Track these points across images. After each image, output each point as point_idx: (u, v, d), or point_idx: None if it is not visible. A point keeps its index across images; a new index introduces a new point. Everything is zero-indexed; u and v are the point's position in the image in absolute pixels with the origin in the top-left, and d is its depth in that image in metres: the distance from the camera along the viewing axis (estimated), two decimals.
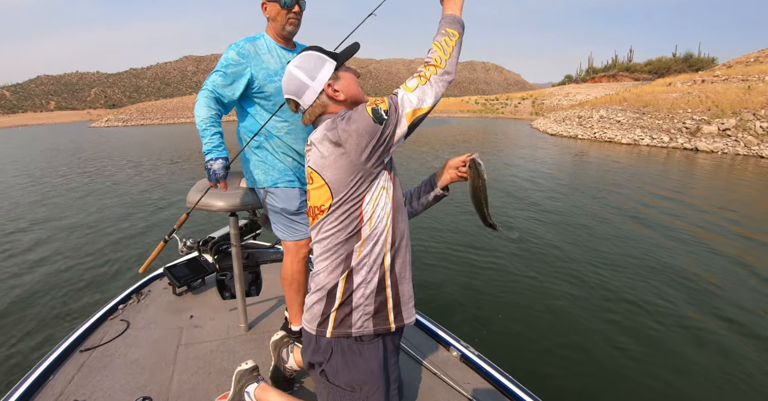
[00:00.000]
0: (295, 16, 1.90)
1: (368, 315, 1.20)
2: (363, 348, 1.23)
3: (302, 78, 1.21)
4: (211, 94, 1.85)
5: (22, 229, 6.89)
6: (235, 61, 1.87)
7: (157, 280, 2.95)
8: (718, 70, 30.48)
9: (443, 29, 1.19)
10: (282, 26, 1.91)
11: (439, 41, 1.17)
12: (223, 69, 1.86)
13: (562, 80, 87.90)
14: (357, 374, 1.23)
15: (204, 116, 1.81)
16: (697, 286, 4.43)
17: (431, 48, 1.17)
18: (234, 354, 2.09)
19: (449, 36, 1.17)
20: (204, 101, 1.83)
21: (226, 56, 1.88)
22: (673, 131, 18.95)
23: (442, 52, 1.16)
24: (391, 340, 1.31)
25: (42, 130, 57.90)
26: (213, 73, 1.88)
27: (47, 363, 1.92)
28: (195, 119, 1.84)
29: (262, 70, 1.91)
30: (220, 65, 1.87)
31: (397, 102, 1.11)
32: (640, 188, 9.46)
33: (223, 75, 1.85)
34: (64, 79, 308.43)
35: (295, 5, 1.88)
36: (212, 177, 1.78)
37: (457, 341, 2.13)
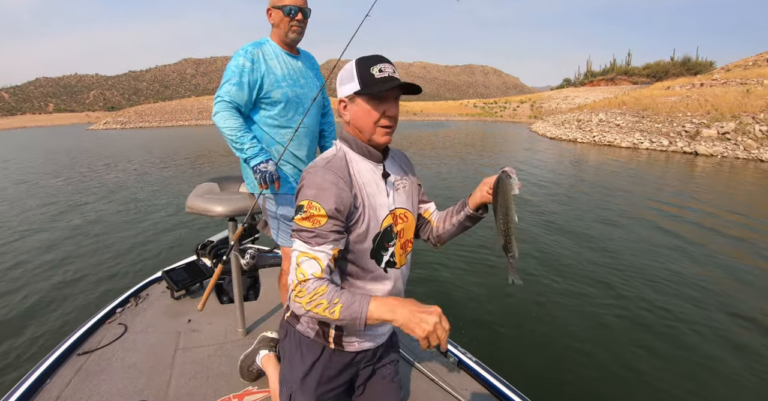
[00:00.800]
0: (298, 24, 1.90)
1: (313, 321, 1.25)
2: (303, 346, 1.28)
3: (337, 83, 1.17)
4: (230, 105, 1.85)
5: (20, 231, 6.80)
6: (248, 68, 1.85)
7: (155, 284, 2.93)
8: (716, 74, 30.55)
9: (338, 299, 1.01)
10: (285, 33, 1.92)
11: (322, 296, 1.01)
12: (237, 78, 1.84)
13: (560, 84, 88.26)
14: (287, 367, 1.31)
15: (234, 125, 1.82)
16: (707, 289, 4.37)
17: (321, 284, 1.03)
18: (232, 359, 2.08)
19: (329, 309, 1.00)
20: (227, 112, 1.84)
21: (237, 64, 1.85)
22: (673, 134, 18.92)
23: (309, 299, 1.02)
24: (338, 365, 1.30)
25: (40, 132, 57.78)
26: (226, 84, 1.85)
27: (44, 367, 1.91)
28: (222, 130, 1.83)
29: (269, 76, 1.90)
30: (232, 74, 1.85)
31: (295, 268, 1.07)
32: (644, 192, 9.41)
33: (238, 84, 1.84)
34: (63, 81, 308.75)
35: (299, 13, 1.88)
36: (268, 178, 1.79)
37: (455, 346, 2.11)
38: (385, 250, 1.20)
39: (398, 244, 1.24)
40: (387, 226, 1.19)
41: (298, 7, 1.87)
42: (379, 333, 1.32)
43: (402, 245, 1.27)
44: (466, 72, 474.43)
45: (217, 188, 2.38)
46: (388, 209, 1.20)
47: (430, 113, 75.33)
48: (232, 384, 1.90)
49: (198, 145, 24.61)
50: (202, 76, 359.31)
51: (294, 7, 1.86)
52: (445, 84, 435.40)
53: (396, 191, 1.25)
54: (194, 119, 68.02)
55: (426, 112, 77.29)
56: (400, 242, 1.25)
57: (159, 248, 5.96)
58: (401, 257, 1.27)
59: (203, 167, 14.88)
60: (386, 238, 1.19)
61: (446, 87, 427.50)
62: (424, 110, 79.09)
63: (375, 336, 1.32)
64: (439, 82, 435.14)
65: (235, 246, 2.12)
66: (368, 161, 1.19)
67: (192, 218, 7.03)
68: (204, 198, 2.15)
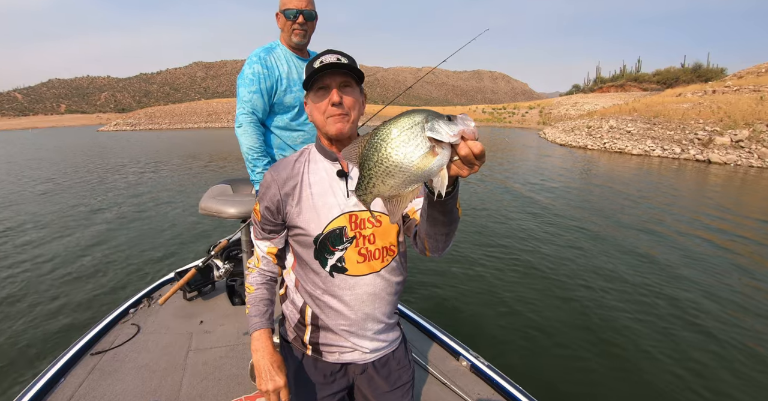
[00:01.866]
0: (300, 27, 1.90)
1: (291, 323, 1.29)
2: (287, 351, 1.31)
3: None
4: (253, 116, 1.89)
5: (34, 232, 6.80)
6: (264, 75, 1.87)
7: (168, 285, 2.95)
8: (729, 81, 30.17)
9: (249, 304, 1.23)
10: (289, 37, 1.93)
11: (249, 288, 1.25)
12: (257, 85, 1.86)
13: (569, 90, 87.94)
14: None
15: (254, 144, 1.89)
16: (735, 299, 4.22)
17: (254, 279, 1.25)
18: (243, 361, 2.08)
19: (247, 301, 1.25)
20: (251, 128, 1.88)
21: (254, 71, 1.87)
22: (685, 142, 18.67)
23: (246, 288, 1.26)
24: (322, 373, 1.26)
25: (51, 133, 58.41)
26: (247, 93, 1.87)
27: (58, 366, 1.93)
28: (243, 146, 1.89)
29: (282, 82, 1.91)
30: (251, 82, 1.86)
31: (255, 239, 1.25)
32: (664, 201, 9.24)
33: (258, 92, 1.87)
34: (75, 83, 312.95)
35: (299, 16, 1.87)
36: None
37: (467, 350, 2.10)
38: (330, 253, 1.13)
39: (354, 250, 1.14)
40: (335, 228, 1.11)
41: (299, 10, 1.86)
42: (360, 348, 1.22)
43: (366, 252, 1.15)
44: (474, 77, 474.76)
45: (230, 189, 2.41)
46: (341, 210, 1.12)
47: None
48: (244, 386, 1.90)
49: (209, 147, 24.69)
50: (212, 79, 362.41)
51: (295, 10, 1.86)
52: (454, 89, 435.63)
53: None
54: (203, 122, 68.56)
55: None
56: (358, 248, 1.14)
57: (171, 249, 5.97)
58: (359, 265, 1.15)
59: (213, 169, 14.91)
60: (332, 241, 1.12)
61: (455, 92, 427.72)
62: None
63: (357, 343, 1.21)
64: (447, 87, 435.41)
65: (246, 248, 2.14)
66: (326, 160, 1.17)
67: (205, 219, 7.06)
68: (217, 200, 2.17)
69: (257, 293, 1.22)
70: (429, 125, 0.72)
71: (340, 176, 1.14)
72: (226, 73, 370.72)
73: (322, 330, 1.21)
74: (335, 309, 1.18)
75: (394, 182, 0.76)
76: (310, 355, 1.25)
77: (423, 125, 0.73)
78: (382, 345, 1.26)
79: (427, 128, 0.72)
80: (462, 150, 0.72)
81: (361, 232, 1.14)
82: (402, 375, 1.32)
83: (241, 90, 1.90)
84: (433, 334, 2.27)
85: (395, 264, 1.21)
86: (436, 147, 0.73)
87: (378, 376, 1.28)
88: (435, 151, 0.73)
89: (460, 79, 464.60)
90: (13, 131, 69.75)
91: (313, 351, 1.24)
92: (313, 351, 1.24)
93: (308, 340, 1.23)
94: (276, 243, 1.21)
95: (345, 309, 1.17)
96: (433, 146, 0.73)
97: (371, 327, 1.22)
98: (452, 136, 0.71)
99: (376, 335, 1.24)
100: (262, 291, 1.23)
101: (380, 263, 1.18)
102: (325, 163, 1.16)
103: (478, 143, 0.72)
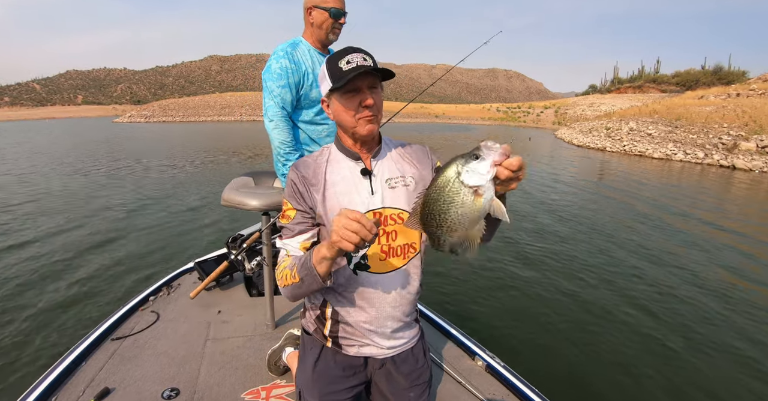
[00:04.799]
0: (340, 26, 1.96)
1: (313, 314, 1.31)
2: (307, 344, 1.33)
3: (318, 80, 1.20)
4: (283, 111, 1.92)
5: (60, 222, 6.71)
6: (292, 69, 1.90)
7: (187, 274, 2.99)
8: (753, 84, 29.36)
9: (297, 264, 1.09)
10: (326, 35, 1.96)
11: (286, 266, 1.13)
12: (285, 80, 1.89)
13: (586, 90, 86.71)
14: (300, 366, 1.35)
15: (286, 139, 1.93)
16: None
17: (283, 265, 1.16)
18: (260, 351, 2.09)
19: (290, 275, 1.10)
20: (282, 122, 1.92)
21: (282, 66, 1.89)
22: (708, 146, 18.13)
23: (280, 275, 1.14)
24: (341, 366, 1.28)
25: (68, 123, 59.15)
26: (278, 88, 1.90)
27: (80, 350, 1.98)
28: (274, 140, 1.94)
29: (308, 77, 1.93)
30: (279, 77, 1.89)
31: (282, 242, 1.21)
32: (695, 207, 8.88)
33: (287, 86, 1.89)
34: (93, 74, 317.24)
35: (342, 17, 1.94)
36: None
37: (483, 350, 2.09)
38: (356, 251, 1.02)
39: (377, 247, 1.18)
40: None
41: (343, 10, 1.93)
42: (381, 342, 1.26)
43: (387, 249, 1.20)
44: (489, 76, 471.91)
45: (252, 182, 2.45)
46: (367, 208, 1.15)
47: (452, 116, 74.83)
48: (260, 377, 1.91)
49: (227, 141, 24.67)
50: (227, 73, 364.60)
51: (340, 10, 1.91)
52: (468, 87, 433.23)
53: (391, 189, 1.18)
54: (216, 115, 68.90)
55: (448, 114, 76.80)
56: (381, 245, 1.19)
57: (192, 239, 6.08)
58: (381, 263, 1.20)
59: (230, 161, 14.82)
60: None
61: (468, 90, 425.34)
62: (446, 113, 78.62)
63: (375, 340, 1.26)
64: (461, 85, 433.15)
65: (267, 240, 2.19)
66: (349, 160, 1.19)
67: (225, 210, 7.16)
68: (239, 192, 2.20)
69: (299, 260, 1.10)
70: (463, 176, 0.79)
71: (364, 175, 1.17)
72: (241, 67, 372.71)
73: (342, 324, 1.24)
74: (357, 306, 1.21)
75: (460, 232, 0.85)
76: (330, 347, 1.28)
77: (459, 179, 0.80)
78: (401, 342, 1.30)
79: (465, 180, 0.79)
80: (502, 175, 0.79)
81: (384, 229, 1.17)
82: (422, 373, 1.35)
83: (269, 84, 1.90)
84: (450, 333, 2.27)
85: (416, 262, 1.26)
86: (478, 189, 0.79)
87: (397, 372, 1.30)
88: (479, 192, 0.79)
89: (475, 77, 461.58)
90: (31, 122, 70.72)
91: (333, 344, 1.28)
92: (333, 343, 1.27)
93: (328, 333, 1.26)
94: (309, 237, 1.18)
95: (366, 305, 1.21)
96: (476, 189, 0.79)
97: (391, 324, 1.25)
98: (487, 173, 0.78)
99: (396, 332, 1.27)
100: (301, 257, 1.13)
101: (402, 260, 1.22)
102: (348, 162, 1.19)
103: (513, 159, 0.79)
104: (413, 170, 1.23)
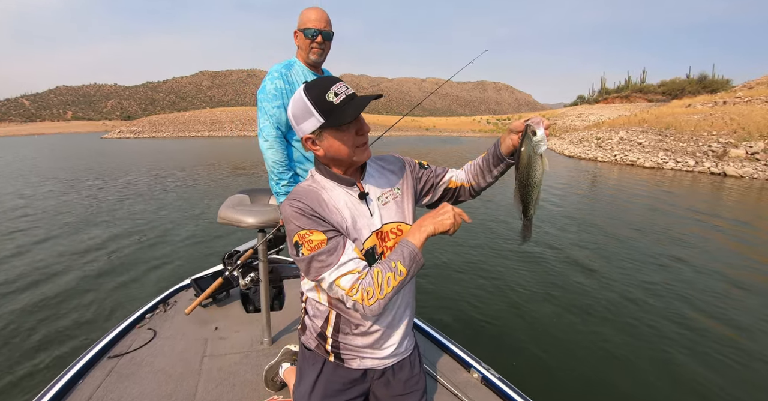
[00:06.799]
0: (318, 46, 1.99)
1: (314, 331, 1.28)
2: (308, 360, 1.31)
3: (290, 119, 1.11)
4: (278, 131, 1.96)
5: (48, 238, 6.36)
6: (286, 89, 1.95)
7: (183, 291, 2.98)
8: (739, 92, 29.66)
9: (393, 261, 1.07)
10: (307, 55, 2.01)
11: (382, 273, 1.05)
12: (280, 100, 1.94)
13: (574, 101, 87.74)
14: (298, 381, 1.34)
15: (280, 159, 1.98)
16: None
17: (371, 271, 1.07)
18: (257, 367, 2.10)
19: (396, 273, 1.06)
20: (277, 143, 1.96)
21: (277, 87, 1.95)
22: (699, 154, 18.12)
23: (377, 287, 1.05)
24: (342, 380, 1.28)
25: (55, 139, 58.54)
26: (273, 108, 1.94)
27: (77, 368, 1.97)
28: (268, 160, 1.99)
29: None
30: (274, 97, 1.94)
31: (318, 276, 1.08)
32: (690, 214, 8.71)
33: (282, 107, 1.94)
34: (83, 90, 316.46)
35: (318, 36, 1.96)
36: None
37: (478, 362, 2.08)
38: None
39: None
40: (369, 248, 1.15)
41: (318, 30, 1.95)
42: (382, 352, 1.27)
43: None
44: (478, 88, 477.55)
45: (248, 199, 2.47)
46: (371, 230, 1.16)
47: (442, 129, 75.18)
48: (258, 393, 1.92)
49: (222, 154, 24.39)
50: (218, 88, 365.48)
51: (315, 30, 1.95)
52: (458, 100, 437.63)
53: (384, 205, 1.21)
54: (207, 131, 68.68)
55: (438, 127, 77.15)
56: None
57: (186, 256, 5.93)
58: None
59: (227, 177, 14.48)
60: (368, 260, 1.12)
61: (458, 103, 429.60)
62: (437, 126, 78.98)
63: (377, 353, 1.27)
64: (451, 97, 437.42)
65: (262, 256, 2.21)
66: (342, 186, 1.16)
67: (221, 227, 7.06)
68: (235, 209, 2.22)
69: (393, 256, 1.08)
70: (537, 149, 1.11)
71: (362, 198, 1.17)
72: (232, 82, 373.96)
73: (345, 339, 1.23)
74: (360, 323, 1.20)
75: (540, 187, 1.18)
76: (332, 361, 1.27)
77: (535, 153, 1.11)
78: (400, 350, 1.31)
79: (538, 151, 1.11)
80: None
81: (387, 245, 1.19)
82: (419, 380, 1.38)
83: (264, 105, 1.95)
84: (444, 345, 2.26)
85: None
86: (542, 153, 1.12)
87: (395, 379, 1.32)
88: (543, 155, 1.12)
89: (464, 89, 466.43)
90: (19, 137, 69.99)
91: (335, 358, 1.27)
92: (336, 358, 1.27)
93: (330, 348, 1.25)
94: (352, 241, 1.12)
95: (369, 321, 1.21)
96: (542, 154, 1.12)
97: (393, 335, 1.27)
98: (545, 140, 1.11)
99: (397, 341, 1.28)
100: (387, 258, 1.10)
101: None
102: (343, 188, 1.16)
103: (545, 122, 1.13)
104: (395, 178, 1.27)
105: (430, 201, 1.37)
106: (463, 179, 1.37)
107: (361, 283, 1.04)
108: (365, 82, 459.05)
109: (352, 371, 1.28)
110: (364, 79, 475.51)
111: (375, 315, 1.11)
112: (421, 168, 1.34)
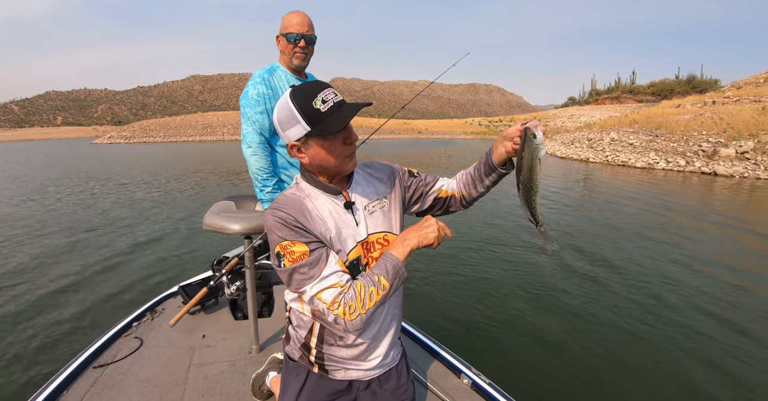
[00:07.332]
0: (301, 50, 1.98)
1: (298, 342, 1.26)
2: (292, 371, 1.30)
3: (276, 124, 1.07)
4: (261, 137, 1.95)
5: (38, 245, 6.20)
6: (269, 95, 1.94)
7: (171, 298, 2.95)
8: (728, 91, 29.96)
9: (376, 275, 1.05)
10: (290, 59, 2.00)
11: (365, 287, 1.03)
12: (262, 106, 1.92)
13: (565, 102, 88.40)
14: (282, 392, 1.32)
15: (263, 166, 1.96)
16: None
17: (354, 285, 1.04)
18: (245, 376, 2.07)
19: (378, 288, 1.04)
20: (260, 149, 1.95)
21: (259, 92, 1.93)
22: (689, 154, 18.23)
23: (360, 301, 1.02)
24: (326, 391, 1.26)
25: (43, 146, 57.93)
26: (255, 114, 1.92)
27: (61, 378, 1.93)
28: (251, 167, 1.97)
29: None
30: (257, 103, 1.92)
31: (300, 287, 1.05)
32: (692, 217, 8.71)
33: (265, 112, 1.92)
34: (73, 95, 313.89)
35: (301, 40, 1.95)
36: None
37: (468, 368, 2.06)
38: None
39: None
40: (354, 259, 1.12)
41: (301, 34, 1.94)
42: (368, 364, 1.25)
43: None
44: (470, 91, 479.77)
45: (234, 206, 2.43)
46: (356, 241, 1.13)
47: (434, 131, 75.30)
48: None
49: (215, 159, 24.22)
50: (209, 92, 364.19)
51: (297, 34, 1.93)
52: (449, 102, 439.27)
53: (371, 214, 1.18)
54: (198, 135, 68.25)
55: (431, 130, 77.28)
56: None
57: (174, 263, 5.81)
58: None
59: (215, 183, 14.33)
60: (352, 272, 1.10)
61: (450, 105, 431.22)
62: (429, 128, 79.12)
63: (362, 365, 1.24)
64: (443, 100, 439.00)
65: (249, 263, 2.17)
66: (327, 195, 1.14)
67: (208, 234, 6.94)
68: (221, 216, 2.17)
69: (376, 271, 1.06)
70: (538, 152, 1.09)
71: (347, 208, 1.15)
72: (224, 86, 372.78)
73: (329, 351, 1.21)
74: (344, 334, 1.18)
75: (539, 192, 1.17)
76: (317, 372, 1.26)
77: (537, 157, 1.09)
78: (386, 361, 1.28)
79: (539, 155, 1.09)
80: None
81: (372, 256, 1.16)
82: (407, 389, 1.36)
83: (247, 111, 1.93)
84: (434, 350, 2.24)
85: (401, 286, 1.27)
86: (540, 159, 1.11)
87: (381, 390, 1.30)
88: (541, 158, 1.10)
89: (456, 92, 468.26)
90: (7, 144, 69.18)
91: (319, 369, 1.25)
92: (320, 369, 1.24)
93: (314, 359, 1.23)
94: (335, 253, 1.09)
95: (353, 334, 1.19)
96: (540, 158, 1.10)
97: (379, 347, 1.24)
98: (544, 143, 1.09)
99: (383, 353, 1.25)
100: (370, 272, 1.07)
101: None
102: (328, 197, 1.14)
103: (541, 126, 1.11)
104: (383, 186, 1.25)
105: (420, 209, 1.35)
106: (455, 188, 1.35)
107: (343, 297, 1.01)
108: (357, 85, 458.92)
109: (337, 382, 1.26)
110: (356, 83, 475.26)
111: (357, 329, 1.08)
112: (410, 176, 1.32)
